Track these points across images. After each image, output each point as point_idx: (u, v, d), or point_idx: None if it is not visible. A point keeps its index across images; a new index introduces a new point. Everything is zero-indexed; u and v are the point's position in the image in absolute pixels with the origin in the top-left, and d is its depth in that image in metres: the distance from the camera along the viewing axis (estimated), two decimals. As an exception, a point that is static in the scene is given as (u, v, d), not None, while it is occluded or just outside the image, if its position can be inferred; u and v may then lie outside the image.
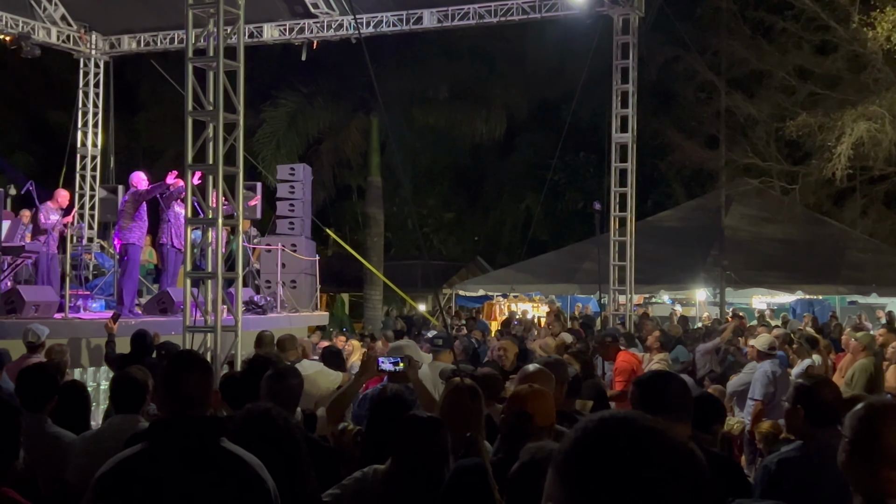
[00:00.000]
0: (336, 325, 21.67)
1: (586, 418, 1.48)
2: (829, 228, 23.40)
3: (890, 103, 16.35)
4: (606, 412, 1.48)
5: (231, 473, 3.24)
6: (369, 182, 28.17)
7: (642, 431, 1.42)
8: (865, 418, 2.81)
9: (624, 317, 18.65)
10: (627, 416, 1.45)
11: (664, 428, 1.44)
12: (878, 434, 2.76)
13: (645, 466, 1.37)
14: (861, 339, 10.38)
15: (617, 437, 1.41)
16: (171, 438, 3.28)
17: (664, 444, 1.40)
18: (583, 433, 1.43)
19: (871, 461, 2.72)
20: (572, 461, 1.42)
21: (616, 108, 18.27)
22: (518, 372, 5.40)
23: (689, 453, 1.42)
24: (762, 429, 7.38)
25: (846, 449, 2.82)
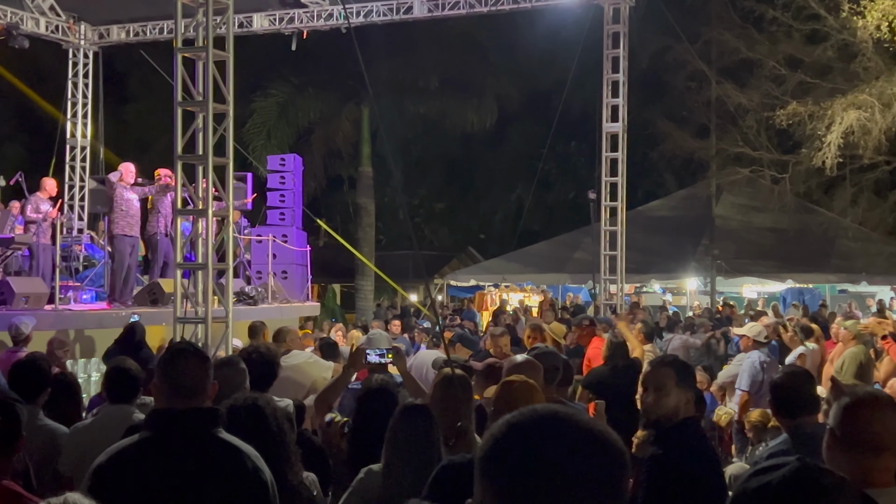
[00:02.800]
0: (327, 315, 21.67)
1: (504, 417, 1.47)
2: (820, 217, 23.48)
3: (880, 92, 16.39)
4: (521, 409, 1.48)
5: (229, 463, 3.25)
6: (360, 172, 28.14)
7: (550, 421, 1.42)
8: (849, 408, 2.83)
9: (615, 306, 18.68)
10: (539, 408, 1.46)
11: (573, 414, 1.44)
12: (861, 424, 2.78)
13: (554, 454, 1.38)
14: (850, 327, 10.41)
15: (524, 431, 1.42)
16: (169, 429, 3.29)
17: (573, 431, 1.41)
18: (495, 431, 1.44)
19: (852, 451, 2.74)
20: (484, 459, 1.43)
21: (606, 97, 18.27)
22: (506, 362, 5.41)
23: (599, 433, 1.42)
24: (751, 418, 7.42)
25: (829, 438, 2.85)
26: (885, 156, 18.75)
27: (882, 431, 2.74)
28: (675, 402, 3.84)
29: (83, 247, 16.15)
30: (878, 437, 2.74)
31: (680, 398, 3.88)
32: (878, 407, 2.81)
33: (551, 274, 24.96)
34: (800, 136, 18.87)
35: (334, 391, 5.75)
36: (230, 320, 9.66)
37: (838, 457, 2.75)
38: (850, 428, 2.79)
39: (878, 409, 2.80)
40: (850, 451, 2.74)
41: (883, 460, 2.72)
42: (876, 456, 2.72)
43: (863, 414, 2.80)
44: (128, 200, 12.74)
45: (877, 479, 2.68)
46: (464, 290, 29.09)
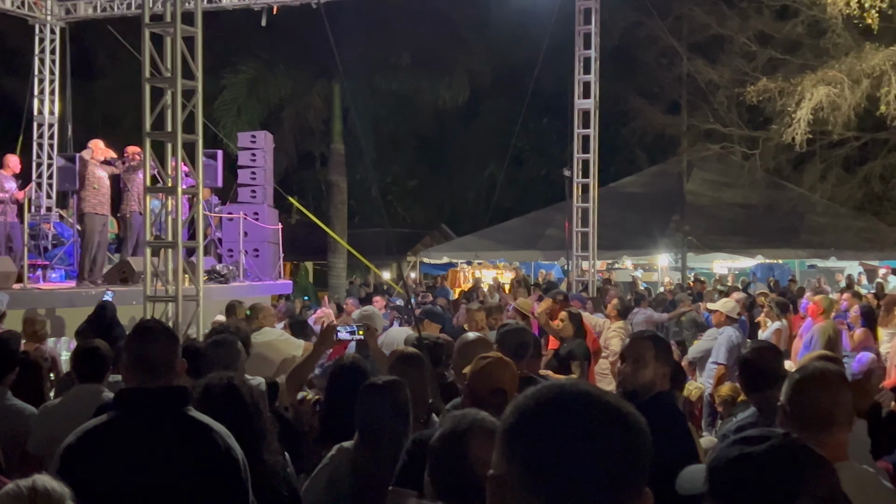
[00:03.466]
0: (300, 293, 21.61)
1: (528, 390, 1.50)
2: (789, 193, 23.65)
3: (849, 68, 16.47)
4: (547, 382, 1.52)
5: (199, 442, 3.23)
6: (332, 149, 27.98)
7: (579, 399, 1.44)
8: (797, 385, 2.85)
9: (587, 283, 18.77)
10: (566, 386, 1.49)
11: (599, 392, 1.47)
12: (809, 400, 2.81)
13: (581, 434, 1.40)
14: (819, 302, 10.52)
15: (554, 407, 1.43)
16: (139, 408, 3.27)
17: (599, 408, 1.43)
18: (521, 402, 1.47)
19: (803, 427, 2.76)
20: (511, 431, 1.45)
21: (578, 73, 18.28)
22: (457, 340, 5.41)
23: (625, 414, 1.45)
24: (721, 392, 7.49)
25: (781, 415, 2.87)
26: (854, 132, 18.90)
27: (830, 407, 2.77)
28: (652, 375, 3.87)
29: (52, 225, 15.99)
30: (826, 412, 2.76)
31: (657, 371, 3.91)
32: (825, 382, 2.83)
33: (524, 251, 25.03)
34: (770, 112, 18.95)
35: (306, 368, 5.74)
36: (201, 299, 9.62)
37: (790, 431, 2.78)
38: (799, 404, 2.82)
39: (825, 384, 2.82)
40: (800, 427, 2.76)
41: (833, 435, 2.75)
42: (826, 431, 2.74)
43: (810, 390, 2.82)
44: (99, 178, 12.61)
45: (829, 454, 2.69)
46: (437, 268, 29.11)
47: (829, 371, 2.94)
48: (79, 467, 3.12)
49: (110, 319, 8.92)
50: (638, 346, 4.09)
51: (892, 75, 16.11)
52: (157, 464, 3.16)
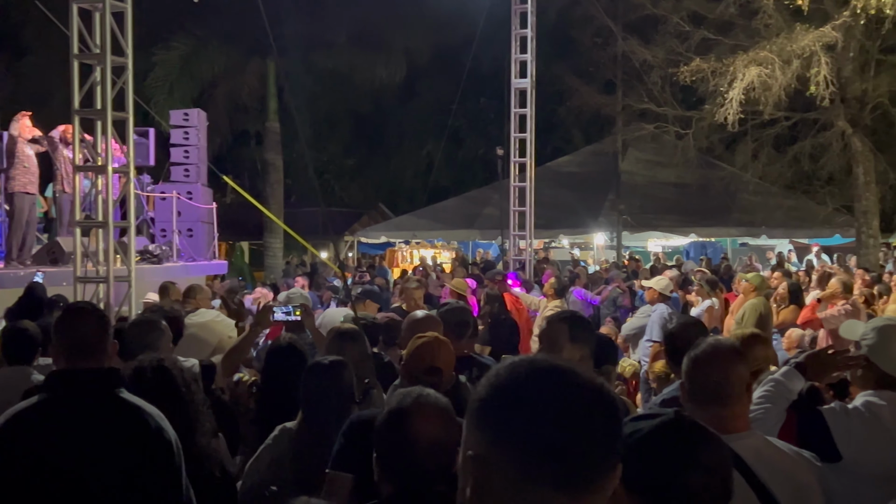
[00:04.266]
0: (235, 273, 21.38)
1: (497, 366, 1.49)
2: (722, 172, 24.02)
3: (780, 49, 16.71)
4: (517, 358, 1.50)
5: (131, 425, 3.19)
6: (267, 128, 27.67)
7: (553, 373, 1.44)
8: (693, 360, 2.90)
9: (524, 262, 18.87)
10: (537, 360, 1.47)
11: (573, 367, 1.47)
12: (704, 376, 2.85)
13: (559, 406, 1.40)
14: (751, 279, 10.71)
15: (530, 381, 1.43)
16: (69, 390, 3.22)
17: (576, 383, 1.43)
18: (494, 380, 1.45)
19: (701, 401, 2.82)
20: (486, 408, 1.44)
21: (515, 53, 18.31)
22: (407, 318, 5.41)
23: (600, 389, 1.45)
24: (655, 369, 7.60)
25: (681, 392, 2.92)
26: (785, 112, 19.21)
27: (723, 381, 2.81)
28: (568, 358, 3.89)
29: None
30: (720, 386, 2.81)
31: (573, 354, 3.92)
32: (717, 357, 2.87)
33: (461, 230, 25.09)
34: (703, 92, 19.19)
35: (241, 350, 5.68)
36: (133, 280, 9.44)
37: (692, 408, 2.82)
38: (695, 380, 2.86)
39: (717, 359, 2.86)
40: (699, 402, 2.81)
41: (730, 408, 2.80)
42: (722, 405, 2.80)
43: (704, 366, 2.86)
44: (28, 156, 12.30)
45: (728, 426, 2.75)
46: (374, 247, 29.05)
47: (722, 346, 2.97)
48: (7, 451, 3.07)
49: (40, 300, 8.73)
50: (551, 329, 4.11)
51: (821, 56, 16.41)
52: (88, 447, 3.11)
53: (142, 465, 3.16)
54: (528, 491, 1.38)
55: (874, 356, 3.55)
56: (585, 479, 1.40)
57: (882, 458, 3.37)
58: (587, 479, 1.40)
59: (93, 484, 3.11)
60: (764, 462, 2.71)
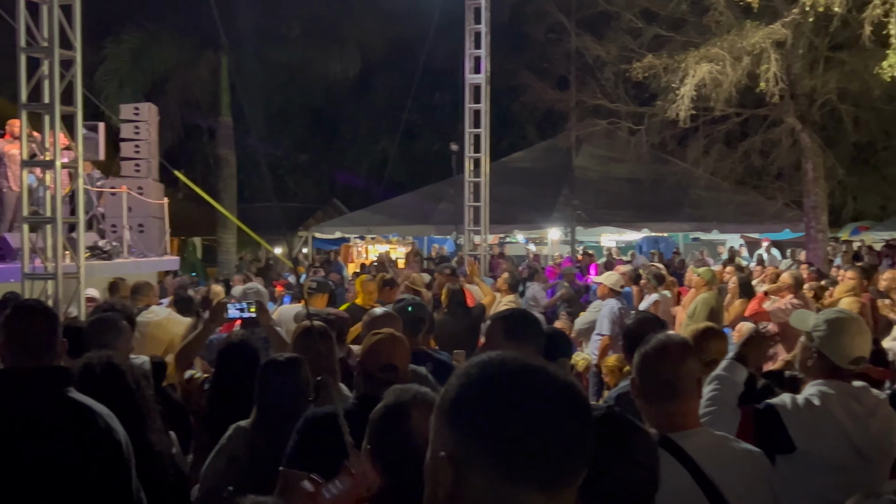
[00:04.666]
0: (188, 270, 21.17)
1: (466, 364, 1.48)
2: (674, 168, 24.24)
3: (730, 46, 16.88)
4: (485, 356, 1.49)
5: (80, 424, 3.16)
6: (220, 122, 27.42)
7: (525, 371, 1.44)
8: (643, 356, 2.91)
9: (479, 257, 18.92)
10: (507, 359, 1.47)
11: (543, 365, 1.46)
12: (653, 372, 2.86)
13: (536, 405, 1.39)
14: (702, 274, 10.84)
15: (503, 380, 1.42)
16: (17, 389, 3.18)
17: (549, 381, 1.43)
18: (466, 379, 1.44)
19: (651, 398, 2.84)
20: (460, 406, 1.43)
21: (469, 48, 18.33)
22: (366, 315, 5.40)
23: (571, 386, 1.45)
24: (608, 363, 7.66)
25: (632, 388, 2.94)
26: (735, 108, 19.41)
27: (672, 377, 2.82)
28: None
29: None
30: (669, 382, 2.82)
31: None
32: (666, 353, 2.88)
33: (417, 225, 25.08)
34: (655, 88, 19.34)
35: (195, 347, 5.63)
36: (82, 276, 9.32)
37: (642, 404, 2.84)
38: (645, 376, 2.88)
39: (666, 355, 2.88)
40: (649, 398, 2.83)
41: (680, 404, 2.81)
42: (672, 400, 2.81)
43: (653, 362, 2.88)
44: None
45: (679, 422, 2.77)
46: (329, 243, 28.92)
47: (672, 342, 2.99)
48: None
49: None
50: (490, 328, 4.12)
51: (771, 53, 16.60)
52: (36, 446, 3.07)
53: (91, 465, 3.13)
54: (506, 490, 1.37)
55: (825, 347, 3.61)
56: (563, 477, 1.40)
57: (832, 447, 3.42)
58: (564, 476, 1.40)
59: (41, 484, 3.07)
60: (714, 458, 2.73)
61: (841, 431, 3.44)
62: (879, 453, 3.52)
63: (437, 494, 1.43)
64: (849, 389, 3.56)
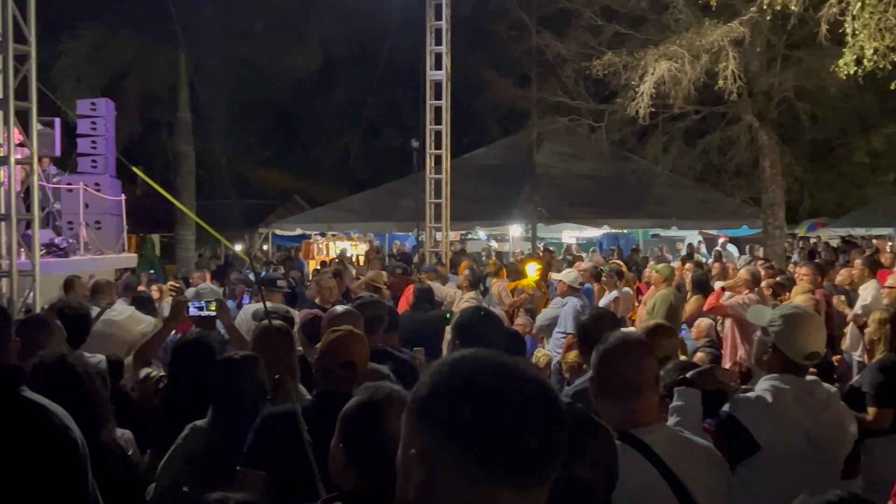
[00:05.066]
0: (146, 267, 20.95)
1: (438, 362, 1.48)
2: (634, 165, 24.42)
3: (689, 43, 17.02)
4: (458, 353, 1.49)
5: (34, 423, 3.12)
6: (179, 118, 27.13)
7: (498, 368, 1.43)
8: (603, 354, 2.94)
9: (440, 254, 18.93)
10: (479, 356, 1.46)
11: (516, 362, 1.46)
12: (613, 369, 2.89)
13: (509, 402, 1.39)
14: (661, 270, 10.94)
15: (476, 377, 1.42)
16: (-31, 389, 3.12)
17: (521, 379, 1.43)
18: (438, 377, 1.44)
19: (611, 395, 2.86)
20: (432, 405, 1.42)
21: (430, 45, 18.32)
22: (326, 313, 5.38)
23: (543, 384, 1.46)
24: (568, 359, 7.70)
25: (591, 386, 2.96)
26: (694, 105, 19.58)
27: (633, 374, 2.86)
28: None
29: None
30: (630, 380, 2.85)
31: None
32: (626, 351, 2.91)
33: (378, 222, 25.02)
34: (615, 85, 19.44)
35: (153, 346, 5.59)
36: (37, 274, 9.20)
37: (602, 402, 2.86)
38: (604, 374, 2.90)
39: (626, 353, 2.91)
40: (609, 395, 2.85)
41: (640, 401, 2.84)
42: (633, 397, 2.84)
43: (613, 359, 2.90)
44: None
45: (639, 419, 2.80)
46: (290, 240, 28.77)
47: (632, 340, 3.02)
48: None
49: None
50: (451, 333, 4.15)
51: (729, 51, 16.76)
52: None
53: (46, 465, 3.09)
54: (477, 489, 1.37)
55: (780, 342, 3.65)
56: (535, 476, 1.40)
57: (789, 440, 3.47)
58: (536, 475, 1.41)
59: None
60: (675, 453, 2.76)
61: (797, 425, 3.49)
62: (833, 445, 3.58)
63: (408, 492, 1.43)
64: (802, 384, 3.62)
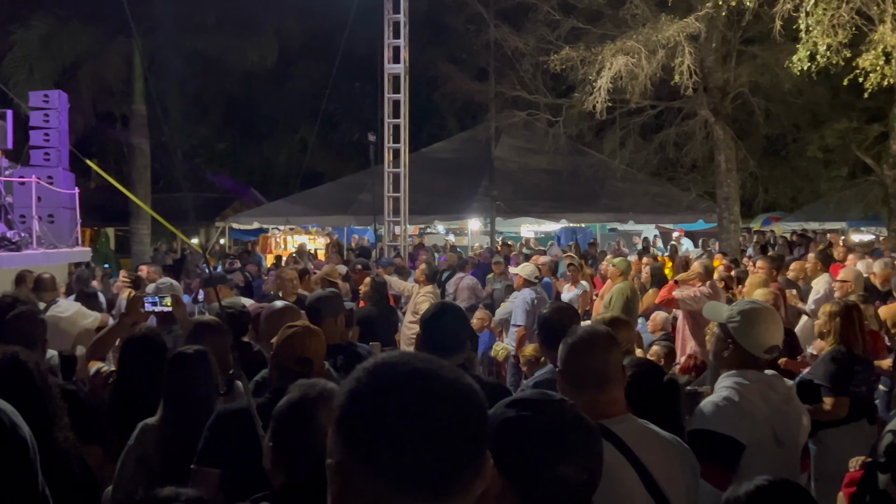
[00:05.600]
0: (100, 261, 20.69)
1: (359, 367, 1.46)
2: (591, 159, 24.56)
3: (646, 39, 17.11)
4: (378, 358, 1.47)
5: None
6: (133, 110, 26.79)
7: (414, 377, 1.41)
8: (570, 346, 2.98)
9: (399, 247, 18.90)
10: (398, 363, 1.44)
11: (435, 369, 1.44)
12: (580, 361, 2.93)
13: (416, 409, 1.38)
14: (618, 264, 11.01)
15: (390, 388, 1.40)
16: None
17: (438, 387, 1.41)
18: (354, 384, 1.42)
19: (578, 387, 2.89)
20: (347, 415, 1.41)
21: (388, 38, 18.27)
22: (264, 309, 5.35)
23: (462, 389, 1.43)
24: (525, 352, 7.72)
25: (559, 378, 2.99)
26: (651, 100, 19.72)
27: (600, 366, 2.90)
28: None
29: None
30: (597, 371, 2.89)
31: None
32: (594, 343, 2.96)
33: (336, 216, 24.91)
34: (572, 80, 19.52)
35: (109, 341, 5.51)
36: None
37: (569, 394, 2.89)
38: (571, 366, 2.94)
39: (594, 345, 2.95)
40: (576, 387, 2.89)
41: (607, 393, 2.88)
42: (600, 389, 2.88)
43: (581, 351, 2.95)
44: None
45: (607, 410, 2.84)
46: (247, 234, 28.55)
47: (598, 332, 3.06)
48: None
49: None
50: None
51: (685, 46, 16.88)
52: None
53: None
54: (390, 497, 1.36)
55: (739, 338, 3.68)
56: (452, 482, 1.39)
57: (757, 436, 3.51)
58: (454, 483, 1.39)
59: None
60: (642, 443, 2.79)
61: (763, 419, 3.53)
62: (794, 439, 3.64)
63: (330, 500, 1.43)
64: (764, 378, 3.66)
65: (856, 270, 9.52)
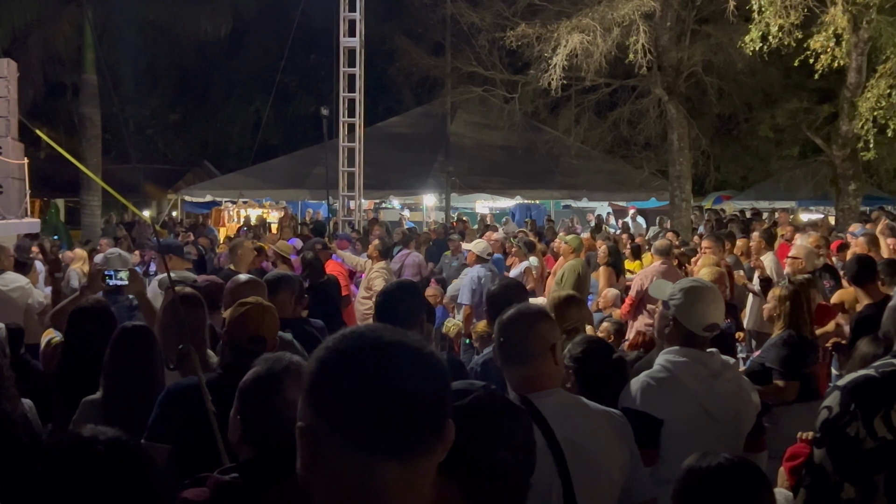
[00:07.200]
0: (50, 232, 20.39)
1: (330, 337, 1.52)
2: (546, 136, 24.62)
3: (601, 17, 17.17)
4: (348, 329, 1.54)
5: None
6: (84, 80, 26.30)
7: (379, 345, 1.48)
8: (501, 323, 3.09)
9: (354, 222, 18.87)
10: (365, 332, 1.51)
11: (401, 338, 1.51)
12: (509, 335, 3.05)
13: (380, 375, 1.44)
14: (570, 241, 11.11)
15: (357, 355, 1.47)
16: None
17: (402, 354, 1.48)
18: (325, 352, 1.49)
19: (508, 363, 3.01)
20: (316, 381, 1.47)
21: (343, 11, 18.14)
22: (228, 282, 5.33)
23: (426, 357, 1.50)
24: (477, 329, 7.78)
25: (494, 355, 3.11)
26: (605, 78, 19.80)
27: (525, 341, 2.99)
28: None
29: None
30: (521, 347, 2.99)
31: None
32: (520, 320, 3.06)
33: (291, 189, 24.74)
34: (528, 57, 19.53)
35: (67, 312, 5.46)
36: (-65, 240, 8.88)
37: (504, 370, 3.02)
38: (502, 343, 3.05)
39: (520, 322, 3.05)
40: (507, 361, 3.01)
41: (534, 367, 2.98)
42: (525, 364, 2.98)
43: (508, 328, 3.06)
44: None
45: (535, 384, 2.95)
46: (200, 206, 28.27)
47: (526, 309, 3.16)
48: None
49: None
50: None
51: (640, 25, 16.97)
52: None
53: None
54: (358, 460, 1.43)
55: (680, 315, 3.77)
56: (415, 445, 1.46)
57: (685, 412, 3.60)
58: (417, 444, 1.46)
59: None
60: (567, 416, 2.87)
61: (690, 395, 3.62)
62: (728, 414, 3.71)
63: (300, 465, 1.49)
64: (698, 355, 3.74)
65: (807, 247, 9.70)
